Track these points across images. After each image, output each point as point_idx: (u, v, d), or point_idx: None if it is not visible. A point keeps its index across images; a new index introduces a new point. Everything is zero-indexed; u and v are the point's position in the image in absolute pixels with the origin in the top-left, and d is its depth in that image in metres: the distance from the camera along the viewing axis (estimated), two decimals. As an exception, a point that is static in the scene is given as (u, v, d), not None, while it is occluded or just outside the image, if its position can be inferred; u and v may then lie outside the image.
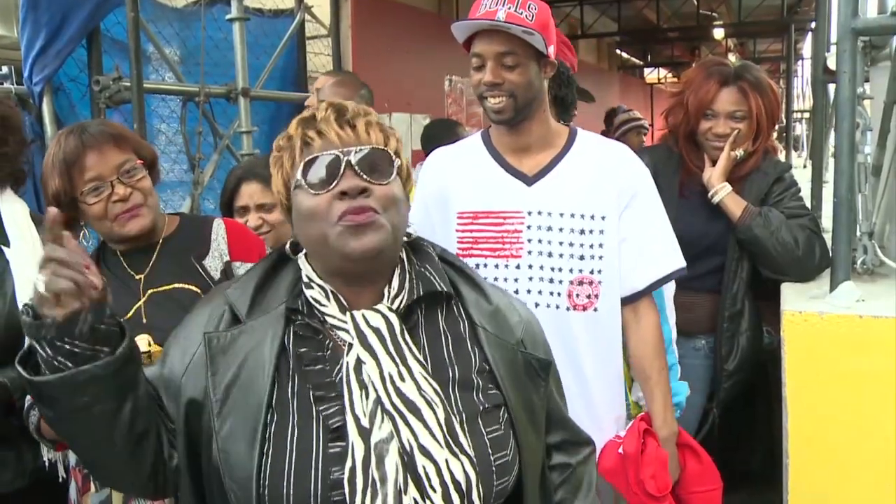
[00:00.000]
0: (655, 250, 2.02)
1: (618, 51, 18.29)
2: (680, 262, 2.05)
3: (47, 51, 3.09)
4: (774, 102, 2.57)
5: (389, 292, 1.25)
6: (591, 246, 1.95)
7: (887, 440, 1.96)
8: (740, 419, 2.78)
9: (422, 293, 1.27)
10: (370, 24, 5.67)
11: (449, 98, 7.64)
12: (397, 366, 1.18)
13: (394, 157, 1.25)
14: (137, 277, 1.82)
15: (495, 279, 1.96)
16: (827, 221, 2.75)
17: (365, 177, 1.20)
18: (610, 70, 17.53)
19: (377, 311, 1.23)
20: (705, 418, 2.63)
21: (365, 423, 1.14)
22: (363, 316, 1.22)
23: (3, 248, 2.06)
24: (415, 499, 1.11)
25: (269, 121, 4.58)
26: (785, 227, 2.41)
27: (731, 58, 15.60)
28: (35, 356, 1.14)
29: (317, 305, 1.24)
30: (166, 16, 4.07)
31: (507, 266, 1.97)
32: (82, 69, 3.40)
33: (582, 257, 1.95)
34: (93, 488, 1.61)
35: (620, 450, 1.99)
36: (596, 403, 1.99)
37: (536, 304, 1.95)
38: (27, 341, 1.15)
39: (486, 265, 1.98)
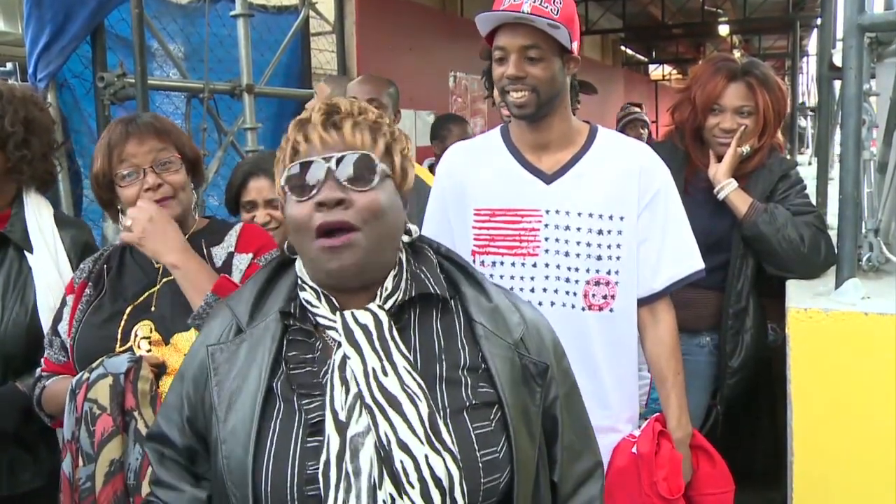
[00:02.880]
0: (674, 251, 2.01)
1: (622, 47, 18.26)
2: (699, 264, 2.04)
3: (51, 47, 3.09)
4: (781, 99, 2.56)
5: (382, 293, 1.25)
6: (609, 246, 1.94)
7: (893, 438, 1.96)
8: (743, 417, 2.78)
9: (413, 295, 1.26)
10: (374, 20, 5.67)
11: (454, 94, 7.64)
12: (381, 361, 1.17)
13: (376, 162, 1.22)
14: (157, 266, 1.85)
15: (511, 277, 1.95)
16: (832, 219, 2.74)
17: (346, 184, 1.19)
18: (614, 66, 17.51)
19: (368, 309, 1.22)
20: (708, 415, 2.62)
21: (342, 416, 1.14)
22: (352, 314, 1.22)
23: (26, 253, 2.07)
24: (391, 494, 1.10)
25: (274, 117, 4.58)
26: (791, 224, 2.40)
27: (736, 54, 15.55)
28: None
29: (309, 307, 1.25)
30: (170, 12, 4.07)
31: (523, 264, 1.96)
32: (86, 65, 3.40)
33: (599, 257, 1.94)
34: (81, 462, 1.63)
35: (634, 449, 1.97)
36: (610, 404, 1.98)
37: (552, 304, 1.94)
38: None
39: (502, 263, 1.97)
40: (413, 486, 1.09)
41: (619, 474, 1.96)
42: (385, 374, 1.16)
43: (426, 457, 1.11)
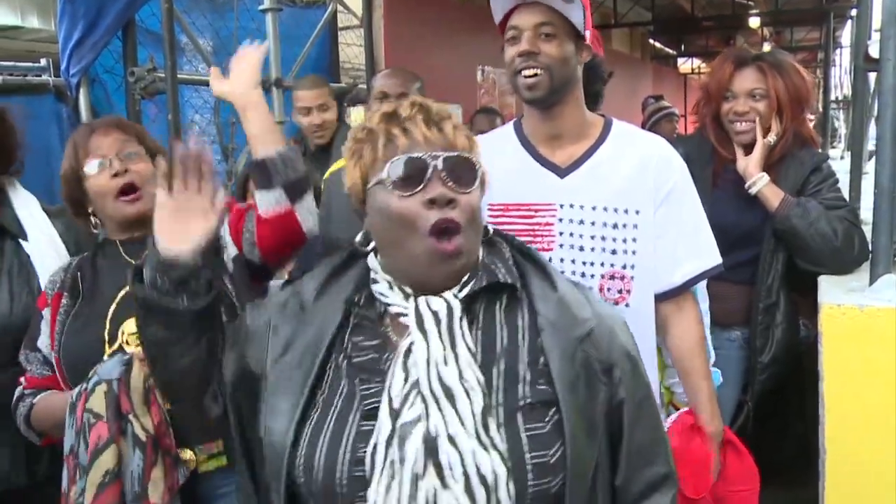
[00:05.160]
0: (693, 246, 1.98)
1: (651, 40, 18.11)
2: (717, 259, 2.01)
3: (84, 43, 3.13)
4: (800, 83, 2.55)
5: (458, 283, 1.24)
6: (625, 240, 1.91)
7: (928, 437, 1.92)
8: (773, 414, 2.75)
9: (484, 284, 1.25)
10: (402, 14, 5.66)
11: (481, 88, 7.61)
12: (445, 350, 1.17)
13: (479, 165, 1.23)
14: (132, 261, 1.84)
15: None
16: (866, 213, 2.70)
17: (451, 184, 1.19)
18: (643, 60, 17.37)
19: (441, 297, 1.22)
20: (738, 411, 2.60)
21: (396, 403, 1.14)
22: (426, 300, 1.21)
23: (21, 241, 2.09)
24: (434, 486, 1.10)
25: (302, 111, 4.60)
26: (824, 219, 2.37)
27: (766, 47, 15.36)
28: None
29: (380, 297, 1.25)
30: (199, 7, 4.10)
31: None
32: (118, 60, 3.43)
33: (614, 251, 1.91)
34: (77, 475, 1.62)
35: None
36: None
37: None
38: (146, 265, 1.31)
39: None
40: (456, 481, 1.09)
41: None
42: (446, 363, 1.16)
43: (473, 452, 1.10)
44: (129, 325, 1.75)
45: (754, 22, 15.85)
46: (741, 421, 2.58)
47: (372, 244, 1.30)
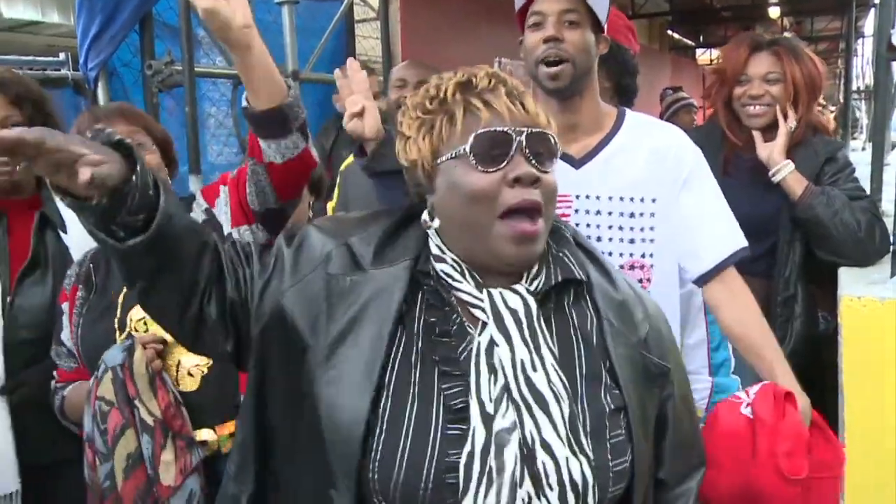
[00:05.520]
0: (719, 229, 1.96)
1: (669, 31, 17.98)
2: (742, 241, 1.98)
3: (102, 37, 3.14)
4: (814, 71, 2.53)
5: (528, 274, 1.19)
6: (642, 229, 1.90)
7: (949, 431, 1.90)
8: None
9: (559, 279, 1.20)
10: (419, 6, 5.65)
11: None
12: (531, 353, 1.12)
13: (558, 144, 1.19)
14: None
15: None
16: (888, 205, 2.67)
17: (534, 162, 1.14)
18: (661, 51, 17.25)
19: (516, 291, 1.16)
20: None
21: (489, 408, 1.09)
22: (501, 295, 1.15)
23: (61, 233, 2.13)
24: (529, 493, 1.07)
25: (319, 104, 4.60)
26: (848, 209, 2.35)
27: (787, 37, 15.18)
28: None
29: (448, 279, 1.18)
30: (217, 0, 4.10)
31: None
32: (135, 54, 3.45)
33: (632, 241, 1.90)
34: (98, 461, 1.65)
35: (747, 411, 1.71)
36: None
37: None
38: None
39: None
40: (552, 489, 1.07)
41: (727, 437, 1.70)
42: (534, 368, 1.11)
43: (567, 459, 1.08)
44: (136, 312, 1.77)
45: (774, 12, 15.68)
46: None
47: (437, 222, 1.21)
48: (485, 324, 1.14)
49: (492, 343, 1.12)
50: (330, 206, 2.96)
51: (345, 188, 2.93)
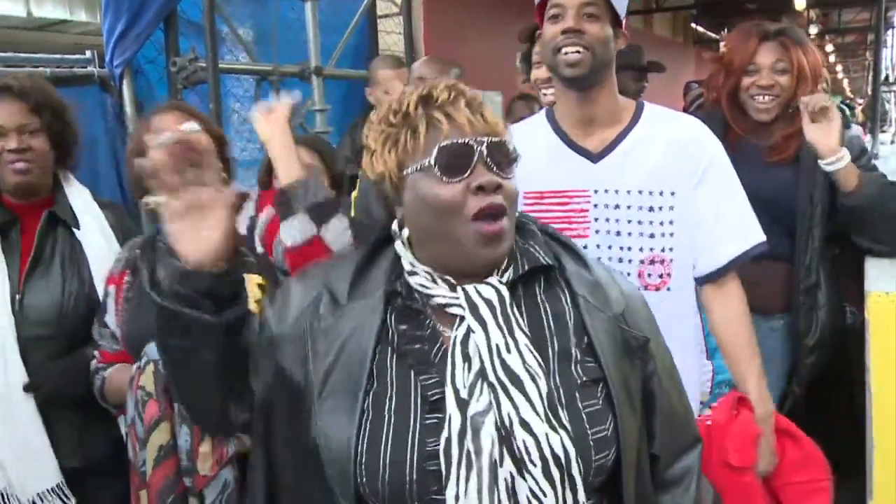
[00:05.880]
0: (735, 224, 1.95)
1: (693, 24, 17.83)
2: (760, 237, 1.98)
3: (127, 35, 3.17)
4: (816, 60, 2.53)
5: (498, 269, 1.24)
6: (662, 223, 1.89)
7: (980, 428, 1.87)
8: (818, 403, 2.70)
9: (526, 268, 1.26)
10: (442, 1, 5.65)
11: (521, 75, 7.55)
12: (504, 337, 1.17)
13: (517, 150, 1.23)
14: (147, 266, 1.92)
15: None
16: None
17: (495, 170, 1.19)
18: (685, 44, 17.11)
19: (488, 283, 1.22)
20: (784, 400, 2.55)
21: (464, 394, 1.14)
22: (475, 289, 1.21)
23: (73, 230, 2.18)
24: (511, 472, 1.11)
25: (342, 99, 4.61)
26: (891, 196, 2.34)
27: (813, 30, 15.01)
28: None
29: (422, 290, 1.23)
30: (239, -4, 4.12)
31: None
32: (160, 51, 3.47)
33: (652, 235, 1.90)
34: (138, 447, 1.71)
35: (709, 422, 1.86)
36: None
37: None
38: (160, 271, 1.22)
39: None
40: (535, 465, 1.11)
41: None
42: (508, 350, 1.16)
43: (546, 435, 1.12)
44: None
45: (800, 4, 15.49)
46: (787, 410, 2.53)
47: (405, 232, 1.27)
48: (462, 319, 1.20)
49: (468, 333, 1.18)
50: (354, 195, 2.97)
51: (366, 187, 2.94)
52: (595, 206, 1.91)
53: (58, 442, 2.09)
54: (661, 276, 1.90)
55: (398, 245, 1.28)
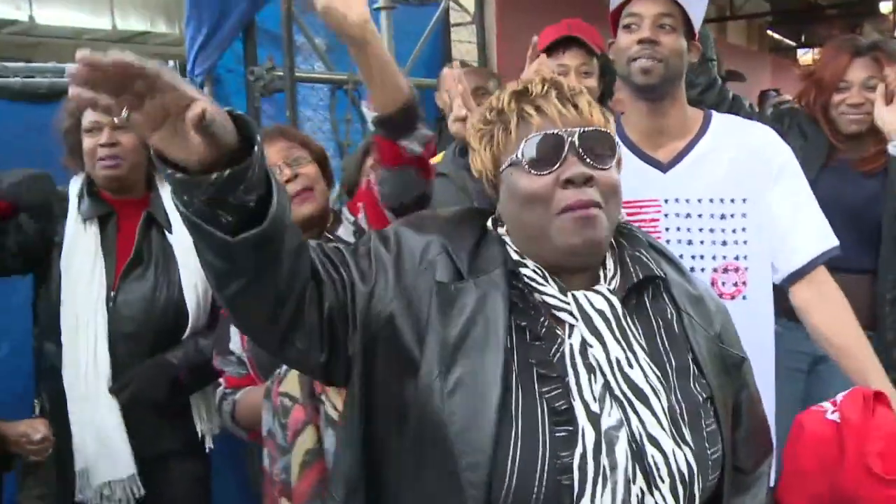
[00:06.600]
0: (811, 226, 1.93)
1: (769, 31, 17.43)
2: (834, 241, 1.95)
3: (208, 45, 3.26)
4: None
5: (605, 274, 1.21)
6: (734, 231, 1.88)
7: None
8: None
9: (640, 277, 1.22)
10: (515, 10, 5.64)
11: (593, 83, 7.49)
12: (624, 351, 1.14)
13: (616, 140, 1.20)
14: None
15: None
16: None
17: (588, 161, 1.15)
18: (760, 52, 16.74)
19: (598, 292, 1.18)
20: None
21: (595, 408, 1.10)
22: (586, 297, 1.17)
23: (166, 233, 2.22)
24: (642, 488, 1.09)
25: (415, 108, 4.64)
26: None
27: (898, 36, 14.46)
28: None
29: (534, 285, 1.18)
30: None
31: None
32: (238, 61, 3.55)
33: (724, 243, 1.88)
34: (277, 455, 1.69)
35: (835, 416, 1.68)
36: None
37: None
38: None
39: None
40: (663, 481, 1.09)
41: (813, 445, 1.69)
42: (630, 366, 1.13)
43: (673, 451, 1.11)
44: None
45: (886, 7, 14.96)
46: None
47: (502, 229, 1.24)
48: (571, 326, 1.16)
49: (584, 344, 1.14)
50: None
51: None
52: (666, 215, 1.90)
53: (135, 435, 2.16)
54: (735, 284, 1.89)
55: (504, 234, 1.24)
